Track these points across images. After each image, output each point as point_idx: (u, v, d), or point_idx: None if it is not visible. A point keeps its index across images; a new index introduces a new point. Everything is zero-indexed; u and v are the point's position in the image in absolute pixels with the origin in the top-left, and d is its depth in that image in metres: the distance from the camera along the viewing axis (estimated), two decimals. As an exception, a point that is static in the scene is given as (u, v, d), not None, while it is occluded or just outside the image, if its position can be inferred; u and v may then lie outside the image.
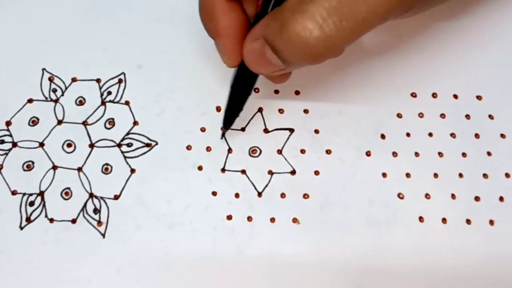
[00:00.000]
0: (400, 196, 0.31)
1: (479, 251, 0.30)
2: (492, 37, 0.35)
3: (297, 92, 0.33)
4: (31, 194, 0.30)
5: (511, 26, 0.36)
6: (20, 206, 0.30)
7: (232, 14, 0.25)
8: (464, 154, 0.32)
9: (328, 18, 0.21)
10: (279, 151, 0.32)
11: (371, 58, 0.34)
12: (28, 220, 0.30)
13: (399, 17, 0.23)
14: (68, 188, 0.30)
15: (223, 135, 0.31)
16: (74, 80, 0.33)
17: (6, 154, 0.31)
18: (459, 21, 0.36)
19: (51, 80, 0.33)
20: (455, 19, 0.36)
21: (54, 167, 0.31)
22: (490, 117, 0.33)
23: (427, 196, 0.31)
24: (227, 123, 0.30)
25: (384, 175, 0.31)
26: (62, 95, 0.33)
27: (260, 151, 0.32)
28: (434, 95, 0.33)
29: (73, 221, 0.30)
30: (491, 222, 0.31)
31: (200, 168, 0.31)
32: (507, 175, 0.32)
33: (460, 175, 0.32)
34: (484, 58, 0.35)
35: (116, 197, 0.30)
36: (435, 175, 0.31)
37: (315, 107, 0.33)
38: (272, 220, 0.30)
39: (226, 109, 0.29)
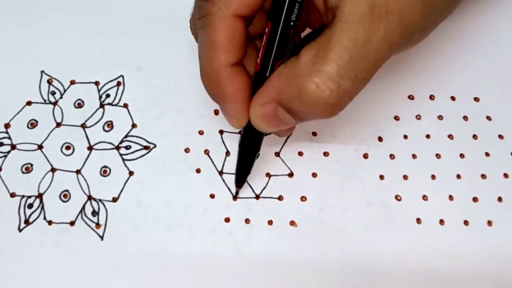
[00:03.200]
0: (397, 198, 0.31)
1: (477, 252, 0.30)
2: (489, 39, 0.35)
3: (295, 94, 0.33)
4: (29, 197, 0.30)
5: (508, 27, 0.36)
6: (19, 208, 0.30)
7: (237, 78, 0.24)
8: (462, 155, 0.32)
9: (345, 75, 0.22)
10: (277, 154, 0.32)
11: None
12: (27, 222, 0.30)
13: (402, 51, 0.24)
14: (67, 191, 0.30)
15: (236, 193, 0.31)
16: (72, 82, 0.33)
17: (5, 156, 0.31)
18: (456, 23, 0.36)
19: (49, 82, 0.33)
20: (452, 21, 0.36)
21: (53, 170, 0.31)
22: (488, 118, 0.33)
23: (424, 197, 0.31)
24: (240, 181, 0.30)
25: (381, 177, 0.31)
26: (61, 97, 0.33)
27: (258, 153, 0.32)
28: (432, 97, 0.34)
29: (72, 223, 0.30)
30: (489, 223, 0.31)
31: (198, 170, 0.31)
32: (505, 175, 0.32)
33: (458, 176, 0.32)
34: (482, 59, 0.35)
35: (115, 200, 0.30)
36: (433, 177, 0.31)
37: (313, 110, 0.33)
38: (270, 222, 0.30)
39: (237, 168, 0.29)
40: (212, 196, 0.31)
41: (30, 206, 0.30)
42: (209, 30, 0.23)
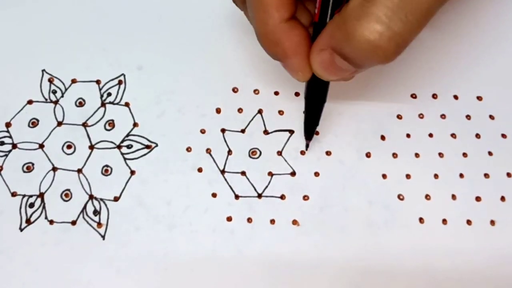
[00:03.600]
0: (400, 197, 0.31)
1: (480, 252, 0.30)
2: (492, 38, 0.35)
3: (297, 94, 0.33)
4: (31, 196, 0.30)
5: (511, 26, 0.36)
6: (20, 207, 0.30)
7: (294, 32, 0.24)
8: (464, 154, 0.32)
9: (394, 16, 0.21)
10: (279, 153, 0.32)
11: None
12: (28, 221, 0.30)
13: None
14: (68, 190, 0.30)
15: (307, 146, 0.31)
16: (74, 81, 0.33)
17: (6, 155, 0.31)
18: (459, 22, 0.36)
19: (51, 81, 0.33)
20: (455, 20, 0.36)
21: (54, 169, 0.31)
22: (491, 117, 0.33)
23: (427, 197, 0.31)
24: (309, 134, 0.30)
25: (384, 176, 0.31)
26: (62, 96, 0.33)
27: (260, 152, 0.32)
28: (434, 96, 0.33)
29: (73, 222, 0.30)
30: (492, 223, 0.30)
31: (200, 169, 0.31)
32: (508, 174, 0.32)
33: (461, 175, 0.32)
34: (484, 58, 0.35)
35: (116, 199, 0.30)
36: (435, 176, 0.31)
37: (315, 109, 0.32)
38: (272, 221, 0.30)
39: (305, 121, 0.29)
40: (213, 195, 0.30)
41: (31, 205, 0.30)
42: None
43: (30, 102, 0.33)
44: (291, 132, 0.32)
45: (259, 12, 0.24)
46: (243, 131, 0.32)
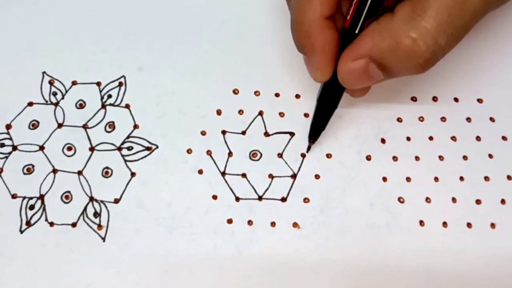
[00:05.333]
0: (400, 200, 0.31)
1: (480, 255, 0.30)
2: (492, 40, 0.35)
3: (297, 96, 0.33)
4: (31, 198, 0.30)
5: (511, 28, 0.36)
6: (20, 209, 0.30)
7: (328, 31, 0.25)
8: (465, 157, 0.32)
9: (442, 31, 0.22)
10: (280, 155, 0.32)
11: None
12: (28, 223, 0.30)
13: (495, 9, 0.25)
14: (68, 192, 0.30)
15: (309, 148, 0.31)
16: (74, 83, 0.33)
17: (6, 157, 0.31)
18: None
19: (51, 83, 0.33)
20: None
21: (54, 171, 0.31)
22: (491, 119, 0.33)
23: (427, 199, 0.31)
24: (314, 136, 0.30)
25: (384, 179, 0.31)
26: (62, 98, 0.33)
27: (261, 154, 0.32)
28: (435, 99, 0.33)
29: (73, 224, 0.30)
30: (493, 225, 0.30)
31: (200, 171, 0.31)
32: (508, 177, 0.32)
33: (461, 178, 0.32)
34: (485, 60, 0.35)
35: (117, 201, 0.30)
36: (436, 179, 0.31)
37: (316, 111, 0.32)
38: (273, 224, 0.30)
39: (313, 122, 0.30)
40: (214, 197, 0.30)
41: (32, 207, 0.30)
42: None
43: (30, 104, 0.33)
44: (292, 134, 0.32)
45: (303, 1, 0.24)
46: (243, 133, 0.32)
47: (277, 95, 0.33)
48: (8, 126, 0.32)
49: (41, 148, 0.31)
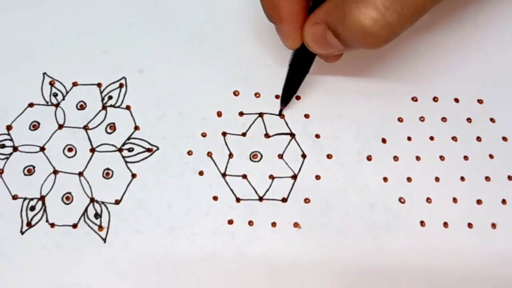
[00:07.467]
0: (401, 200, 0.31)
1: (481, 255, 0.30)
2: (492, 40, 0.35)
3: (297, 97, 0.33)
4: (32, 199, 0.30)
5: (512, 29, 0.36)
6: (21, 210, 0.30)
7: (294, 0, 0.26)
8: (465, 157, 0.32)
9: (391, 7, 0.22)
10: (280, 156, 0.32)
11: (372, 63, 0.34)
12: (29, 224, 0.30)
13: None
14: (69, 193, 0.30)
15: (280, 112, 0.32)
16: (75, 84, 0.33)
17: (7, 158, 0.31)
18: (460, 24, 0.36)
19: (52, 84, 0.33)
20: (455, 22, 0.36)
21: (55, 172, 0.31)
22: (492, 120, 0.33)
23: (428, 200, 0.31)
24: (285, 100, 0.32)
25: (385, 179, 0.31)
26: (63, 99, 0.33)
27: (261, 155, 0.32)
28: (435, 99, 0.33)
29: (74, 225, 0.30)
30: (493, 226, 0.30)
31: (201, 173, 0.31)
32: (509, 177, 0.32)
33: (462, 178, 0.32)
34: (485, 61, 0.35)
35: (117, 202, 0.30)
36: (437, 179, 0.31)
37: (316, 112, 0.33)
38: (273, 224, 0.30)
39: (285, 86, 0.31)
40: (214, 198, 0.30)
41: (32, 208, 0.30)
42: None
43: (31, 105, 0.33)
44: (292, 135, 0.32)
45: None
46: (244, 134, 0.32)
47: (277, 96, 0.33)
48: (9, 127, 0.32)
49: (42, 149, 0.31)
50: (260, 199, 0.31)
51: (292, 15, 0.26)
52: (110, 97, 0.33)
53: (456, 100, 0.33)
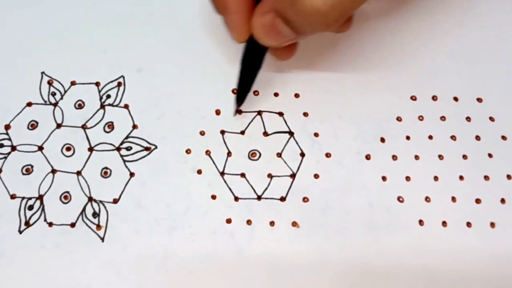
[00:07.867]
0: (400, 199, 0.31)
1: (480, 254, 0.30)
2: (492, 39, 0.35)
3: (296, 95, 0.33)
4: (30, 198, 0.30)
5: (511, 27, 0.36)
6: (19, 210, 0.30)
7: None
8: (464, 156, 0.32)
9: None
10: (279, 155, 0.32)
11: (371, 62, 0.34)
12: (27, 224, 0.30)
13: None
14: (67, 192, 0.30)
15: (236, 111, 0.32)
16: (73, 83, 0.33)
17: (5, 157, 0.31)
18: (459, 23, 0.36)
19: (50, 83, 0.33)
20: (454, 21, 0.36)
21: (53, 171, 0.31)
22: (491, 119, 0.33)
23: (427, 199, 0.31)
24: (240, 99, 0.31)
25: (384, 178, 0.31)
26: (61, 98, 0.33)
27: (260, 154, 0.31)
28: (434, 98, 0.33)
29: (72, 225, 0.30)
30: (492, 225, 0.30)
31: (199, 171, 0.31)
32: (508, 177, 0.32)
33: (461, 177, 0.31)
34: (484, 60, 0.35)
35: (116, 201, 0.30)
36: (435, 178, 0.31)
37: (315, 111, 0.32)
38: (272, 223, 0.30)
39: (238, 85, 0.30)
40: (213, 197, 0.30)
41: (31, 207, 0.30)
42: None
43: (29, 104, 0.33)
44: (291, 134, 0.32)
45: None
46: (242, 132, 0.32)
47: (276, 94, 0.33)
48: (7, 127, 0.32)
49: (40, 148, 0.31)
50: (259, 198, 0.30)
51: (239, 4, 0.25)
52: (109, 96, 0.33)
53: (455, 99, 0.33)
